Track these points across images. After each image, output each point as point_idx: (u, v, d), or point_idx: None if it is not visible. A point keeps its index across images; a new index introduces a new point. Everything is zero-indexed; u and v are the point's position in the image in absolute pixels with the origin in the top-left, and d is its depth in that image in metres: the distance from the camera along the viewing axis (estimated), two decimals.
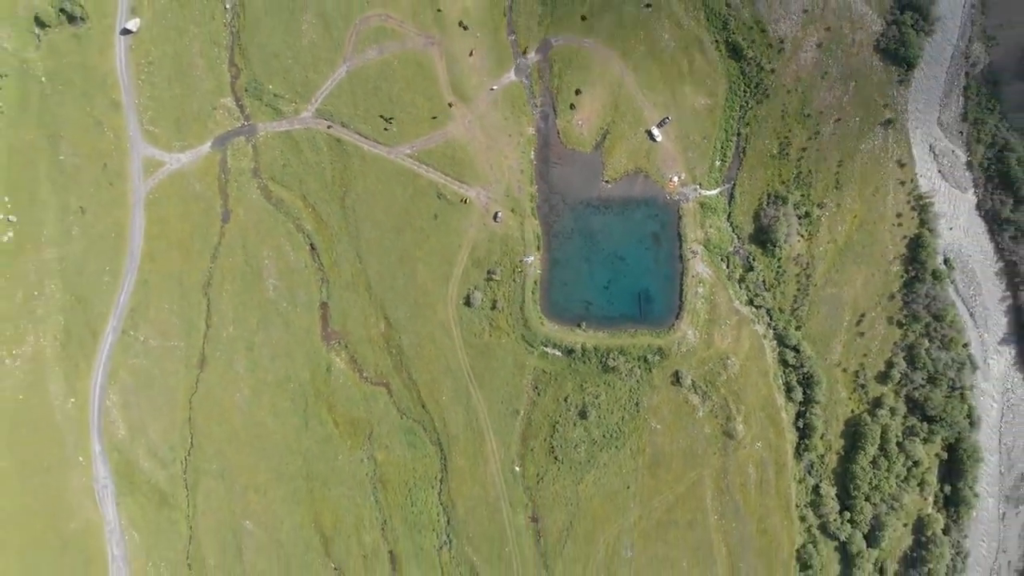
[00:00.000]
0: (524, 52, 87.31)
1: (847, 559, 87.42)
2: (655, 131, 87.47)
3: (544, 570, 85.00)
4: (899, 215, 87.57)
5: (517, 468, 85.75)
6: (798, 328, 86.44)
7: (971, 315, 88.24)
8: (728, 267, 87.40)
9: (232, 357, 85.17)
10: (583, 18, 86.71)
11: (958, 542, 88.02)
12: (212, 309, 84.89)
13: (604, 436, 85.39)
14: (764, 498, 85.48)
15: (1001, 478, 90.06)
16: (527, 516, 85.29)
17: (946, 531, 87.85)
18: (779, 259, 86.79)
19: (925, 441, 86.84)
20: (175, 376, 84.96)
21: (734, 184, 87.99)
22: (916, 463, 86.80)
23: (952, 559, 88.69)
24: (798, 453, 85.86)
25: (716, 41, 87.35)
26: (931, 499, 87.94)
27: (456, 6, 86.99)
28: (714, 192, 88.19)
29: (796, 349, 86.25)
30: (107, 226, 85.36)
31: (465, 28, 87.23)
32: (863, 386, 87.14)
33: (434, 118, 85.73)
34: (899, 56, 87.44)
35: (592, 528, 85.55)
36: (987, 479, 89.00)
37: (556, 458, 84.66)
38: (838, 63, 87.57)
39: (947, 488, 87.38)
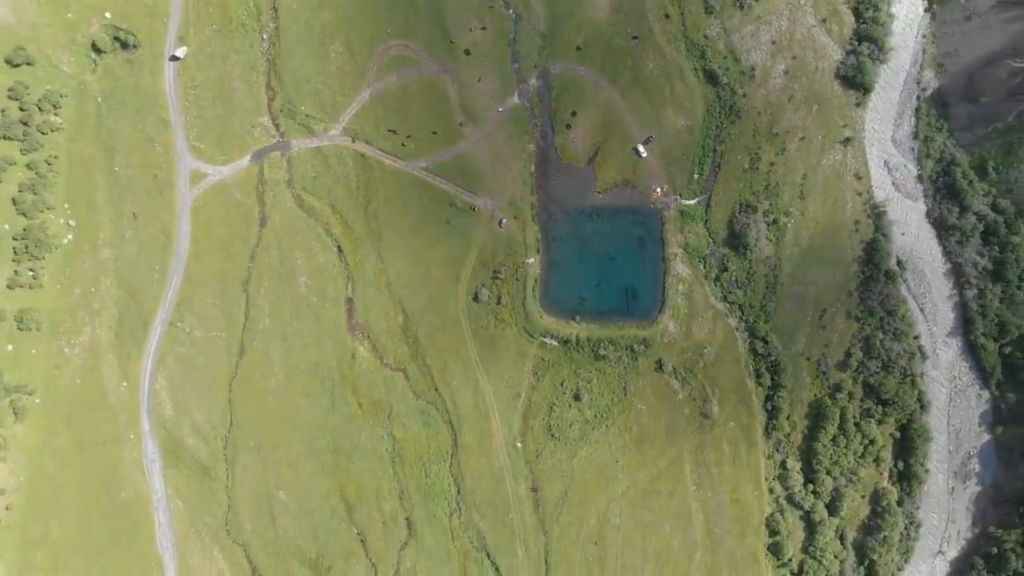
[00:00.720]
0: (526, 79, 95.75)
1: (811, 526, 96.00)
2: (641, 148, 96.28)
3: (542, 534, 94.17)
4: (856, 222, 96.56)
5: (519, 444, 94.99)
6: (767, 321, 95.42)
7: (921, 310, 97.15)
8: (705, 267, 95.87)
9: (268, 346, 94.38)
10: (578, 48, 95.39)
11: (911, 513, 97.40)
12: (250, 303, 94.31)
13: (595, 416, 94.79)
14: (737, 471, 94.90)
15: (950, 456, 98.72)
16: (527, 486, 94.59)
17: (900, 503, 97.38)
18: (750, 261, 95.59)
19: (880, 422, 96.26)
20: (217, 363, 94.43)
21: (710, 195, 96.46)
22: (872, 441, 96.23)
23: (905, 528, 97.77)
24: (767, 432, 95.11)
25: (695, 69, 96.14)
26: (886, 474, 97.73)
27: (466, 38, 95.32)
28: (693, 202, 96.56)
29: (765, 340, 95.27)
30: (157, 230, 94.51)
31: (469, 54, 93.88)
32: (824, 373, 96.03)
33: (434, 133, 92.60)
34: (857, 82, 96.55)
35: (585, 497, 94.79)
36: (937, 457, 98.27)
37: (553, 435, 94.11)
38: (802, 88, 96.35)
39: (900, 464, 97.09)
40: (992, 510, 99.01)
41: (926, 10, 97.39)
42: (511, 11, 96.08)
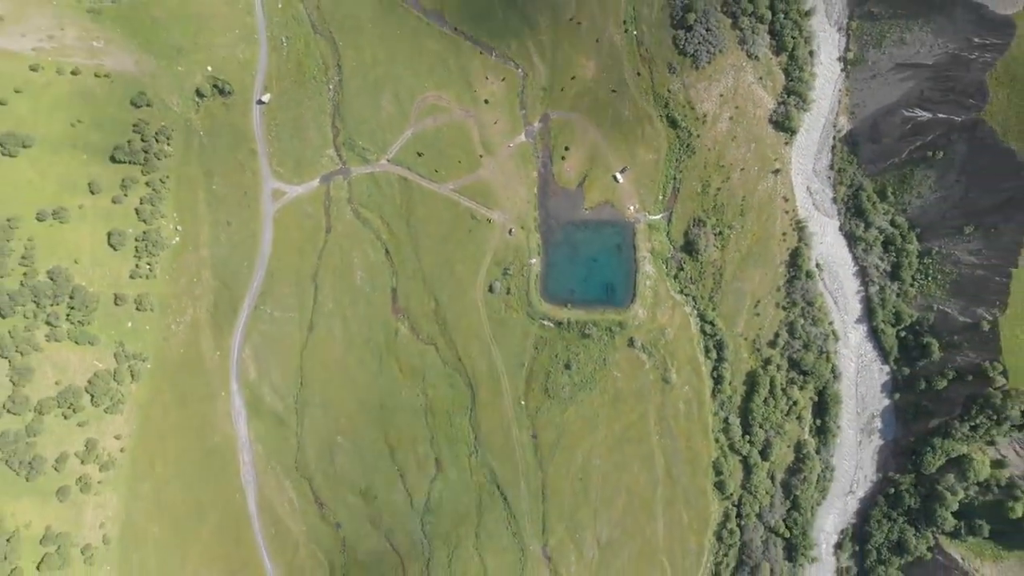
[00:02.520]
0: (531, 121, 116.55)
1: (747, 469, 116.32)
2: (618, 175, 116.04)
3: (540, 471, 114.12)
4: (784, 234, 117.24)
5: (522, 402, 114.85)
6: (713, 309, 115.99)
7: (834, 302, 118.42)
8: (666, 267, 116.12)
9: (331, 324, 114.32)
10: (572, 99, 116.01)
11: (826, 460, 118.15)
12: (318, 292, 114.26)
13: (581, 381, 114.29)
14: (690, 424, 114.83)
15: (857, 416, 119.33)
16: (529, 434, 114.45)
17: (817, 451, 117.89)
18: (701, 263, 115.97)
19: (801, 388, 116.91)
20: (291, 337, 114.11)
21: (671, 212, 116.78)
22: (795, 403, 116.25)
23: (822, 471, 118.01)
24: (713, 394, 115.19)
25: (660, 115, 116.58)
26: (806, 429, 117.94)
27: (486, 90, 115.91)
28: (658, 217, 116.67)
29: (712, 323, 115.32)
30: (246, 234, 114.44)
31: (487, 103, 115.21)
32: (758, 349, 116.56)
33: (459, 162, 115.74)
34: (786, 126, 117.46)
35: (573, 443, 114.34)
36: (847, 416, 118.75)
37: (549, 395, 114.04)
38: (743, 130, 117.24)
39: (818, 421, 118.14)
40: (891, 459, 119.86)
41: (842, 70, 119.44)
42: (519, 70, 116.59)
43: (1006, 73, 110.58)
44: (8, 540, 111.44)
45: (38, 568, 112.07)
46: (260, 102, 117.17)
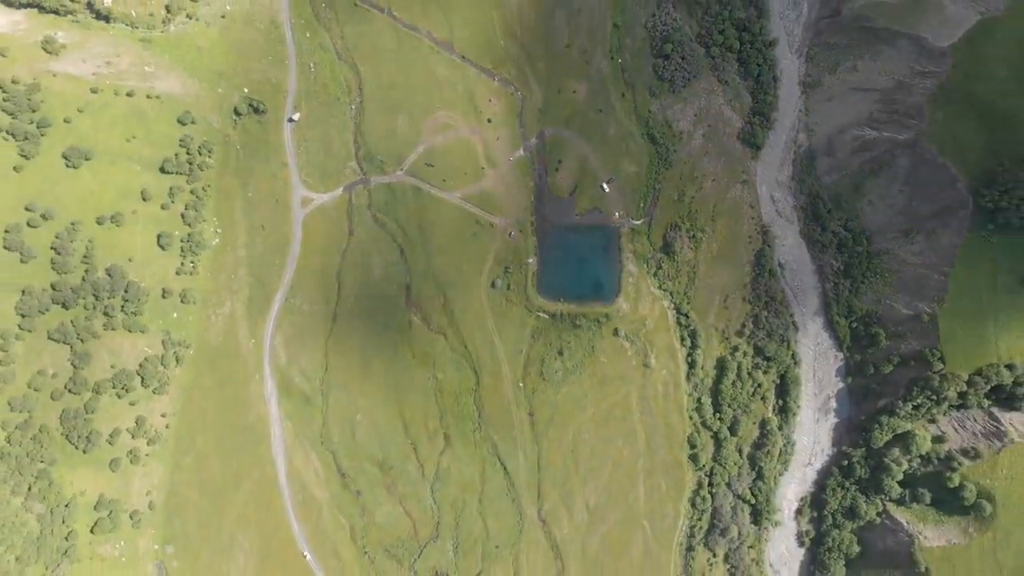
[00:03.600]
0: (528, 138, 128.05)
1: (718, 443, 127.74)
2: (605, 185, 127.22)
3: (536, 445, 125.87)
4: (750, 237, 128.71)
5: (521, 384, 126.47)
6: (688, 303, 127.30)
7: (794, 297, 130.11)
8: (647, 266, 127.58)
9: (352, 316, 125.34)
10: (565, 118, 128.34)
11: (788, 435, 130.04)
12: (341, 287, 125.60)
13: (572, 366, 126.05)
14: (667, 404, 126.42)
15: (815, 397, 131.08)
16: (526, 412, 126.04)
17: (780, 428, 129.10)
18: (677, 262, 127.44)
19: (765, 372, 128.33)
20: (317, 327, 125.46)
21: (651, 218, 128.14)
22: (760, 385, 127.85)
23: (784, 446, 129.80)
24: (687, 377, 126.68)
25: (642, 133, 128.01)
26: (770, 408, 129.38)
27: (489, 111, 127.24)
28: (639, 222, 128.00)
29: (687, 315, 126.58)
30: (278, 237, 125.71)
31: (490, 122, 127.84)
32: (727, 338, 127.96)
33: (465, 174, 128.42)
34: (752, 142, 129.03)
35: (564, 420, 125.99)
36: (806, 397, 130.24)
37: (544, 378, 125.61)
38: (715, 146, 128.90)
39: (780, 401, 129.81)
40: (845, 435, 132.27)
41: (801, 93, 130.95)
42: (518, 93, 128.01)
43: (942, 97, 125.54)
44: (66, 506, 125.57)
45: (91, 531, 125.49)
46: (291, 120, 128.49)
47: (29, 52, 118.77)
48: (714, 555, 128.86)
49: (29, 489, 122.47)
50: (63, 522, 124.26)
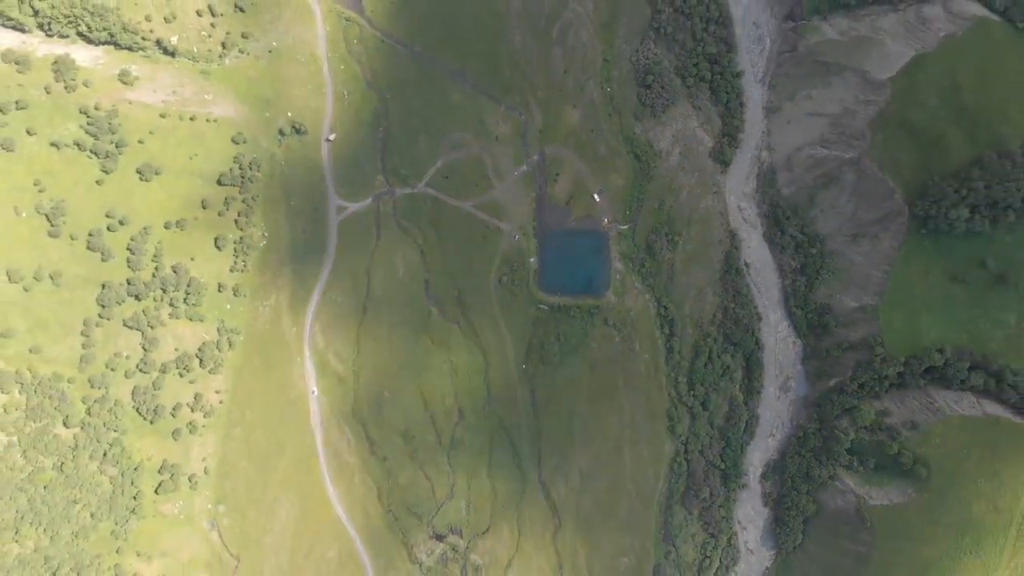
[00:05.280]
0: (531, 155, 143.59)
1: (692, 416, 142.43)
2: (596, 196, 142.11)
3: (536, 419, 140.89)
4: (720, 240, 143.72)
5: (524, 366, 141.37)
6: (667, 296, 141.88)
7: (758, 291, 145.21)
8: (632, 265, 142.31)
9: (379, 308, 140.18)
10: (562, 138, 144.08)
11: (753, 410, 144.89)
12: (370, 282, 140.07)
13: (568, 351, 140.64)
14: (649, 383, 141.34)
15: (776, 377, 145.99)
16: (528, 391, 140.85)
17: (745, 404, 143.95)
18: (658, 261, 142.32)
19: (732, 356, 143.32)
20: (350, 317, 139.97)
21: (636, 224, 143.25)
22: (728, 367, 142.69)
23: (749, 419, 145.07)
24: (666, 360, 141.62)
25: (628, 151, 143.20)
26: (737, 386, 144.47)
27: (497, 131, 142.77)
28: (625, 227, 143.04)
29: (666, 307, 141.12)
30: (317, 240, 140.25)
31: (498, 140, 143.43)
32: (700, 327, 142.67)
33: (476, 185, 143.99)
34: (722, 159, 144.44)
35: (561, 398, 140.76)
36: (768, 377, 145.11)
37: (544, 362, 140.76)
38: (690, 163, 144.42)
39: (746, 381, 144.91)
40: (802, 410, 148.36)
41: (764, 118, 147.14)
42: (522, 117, 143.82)
43: (882, 122, 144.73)
44: (135, 470, 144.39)
45: (156, 491, 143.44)
46: (327, 140, 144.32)
47: (108, 83, 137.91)
48: (690, 513, 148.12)
49: (104, 455, 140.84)
50: (132, 483, 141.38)
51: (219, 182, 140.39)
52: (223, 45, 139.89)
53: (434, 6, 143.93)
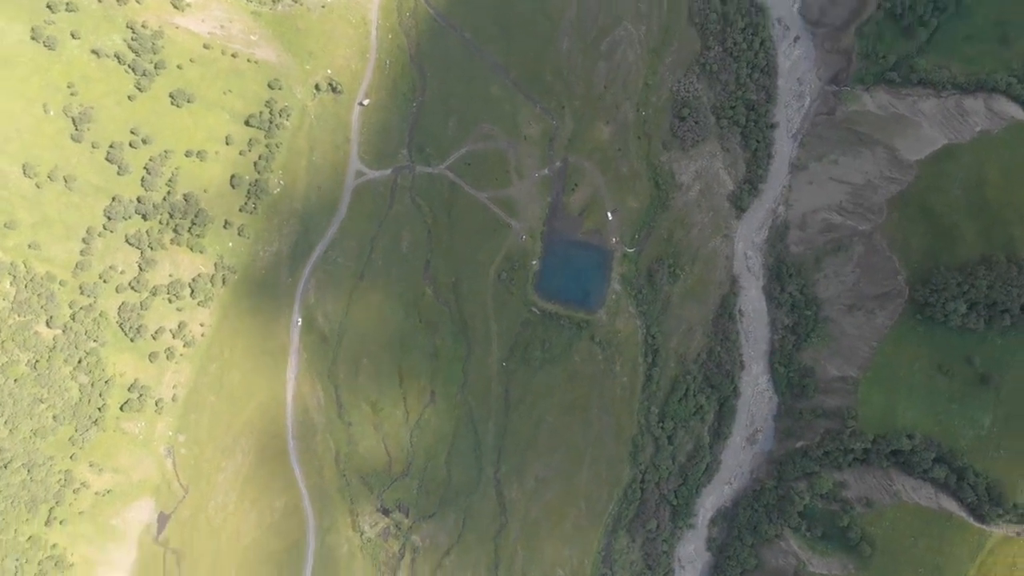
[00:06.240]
0: (554, 161, 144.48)
1: (657, 447, 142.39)
2: (609, 214, 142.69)
3: (505, 416, 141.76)
4: (720, 283, 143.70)
5: (504, 364, 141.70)
6: (657, 327, 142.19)
7: (746, 340, 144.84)
8: (630, 288, 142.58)
9: (376, 276, 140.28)
10: (588, 151, 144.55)
11: (716, 455, 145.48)
12: (372, 250, 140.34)
13: (550, 358, 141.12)
14: (621, 406, 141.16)
15: (746, 427, 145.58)
16: (503, 388, 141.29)
17: (710, 447, 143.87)
18: (656, 291, 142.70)
19: (708, 397, 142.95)
20: (346, 280, 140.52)
21: (642, 249, 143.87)
22: (702, 407, 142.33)
23: (711, 462, 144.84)
24: (643, 388, 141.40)
25: (649, 177, 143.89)
26: (706, 428, 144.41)
27: (527, 131, 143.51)
28: (632, 251, 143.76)
29: (654, 336, 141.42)
30: (330, 198, 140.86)
31: (526, 139, 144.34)
32: (683, 362, 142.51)
33: (496, 179, 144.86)
34: (739, 204, 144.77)
35: (534, 401, 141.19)
36: (738, 426, 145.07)
37: (524, 363, 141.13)
38: (707, 200, 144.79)
39: (716, 425, 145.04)
40: (764, 465, 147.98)
41: (788, 172, 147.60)
42: (554, 122, 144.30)
43: (901, 202, 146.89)
44: (105, 382, 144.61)
45: (121, 408, 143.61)
46: (361, 104, 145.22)
47: (160, 4, 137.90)
48: (633, 541, 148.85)
49: (79, 362, 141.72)
50: (100, 395, 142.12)
51: (247, 122, 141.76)
52: None
53: (492, 0, 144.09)
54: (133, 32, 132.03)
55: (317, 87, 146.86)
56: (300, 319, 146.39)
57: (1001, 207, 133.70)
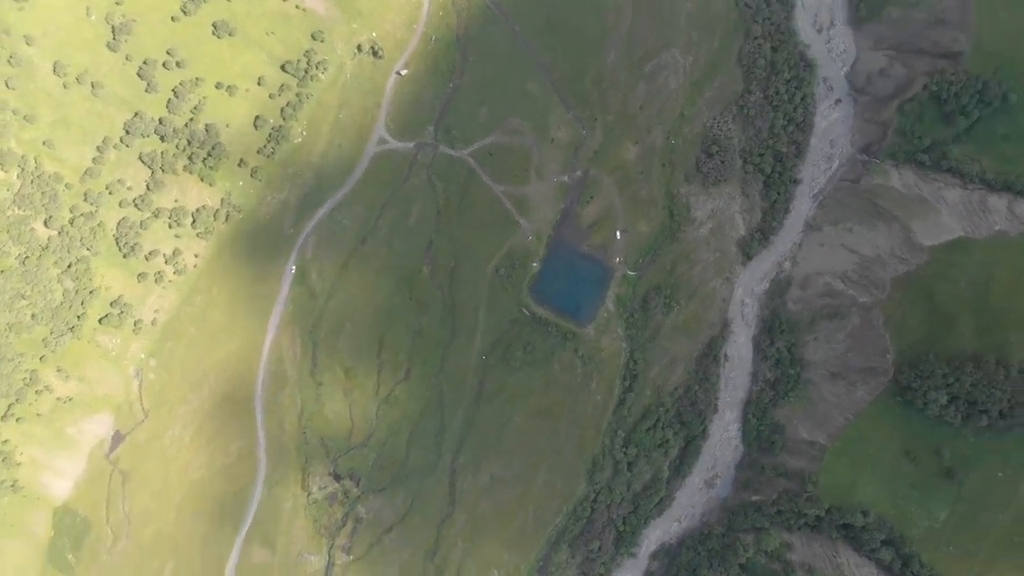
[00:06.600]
0: (575, 170, 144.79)
1: (616, 471, 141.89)
2: (618, 233, 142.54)
3: (475, 408, 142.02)
4: (712, 324, 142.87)
5: (484, 357, 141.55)
6: (642, 354, 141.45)
7: (726, 385, 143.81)
8: (623, 311, 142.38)
9: (378, 244, 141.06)
10: (611, 167, 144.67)
11: (671, 491, 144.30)
12: (380, 218, 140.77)
13: (531, 362, 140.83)
14: (590, 423, 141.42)
15: (707, 471, 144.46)
16: (478, 380, 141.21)
17: (668, 482, 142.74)
18: (648, 319, 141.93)
19: (676, 433, 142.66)
20: (347, 242, 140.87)
21: (643, 275, 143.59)
22: (667, 441, 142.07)
23: (665, 497, 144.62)
24: (615, 410, 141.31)
25: (664, 205, 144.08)
26: (667, 463, 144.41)
27: (556, 134, 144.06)
28: (633, 274, 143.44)
29: (636, 362, 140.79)
30: (348, 158, 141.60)
31: (552, 142, 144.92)
32: (659, 394, 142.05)
33: (515, 175, 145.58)
34: (747, 251, 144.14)
35: (506, 400, 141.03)
36: (699, 467, 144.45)
37: (504, 361, 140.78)
38: (716, 240, 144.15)
39: (678, 462, 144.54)
40: (716, 510, 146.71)
41: (802, 230, 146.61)
42: (584, 131, 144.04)
43: (906, 283, 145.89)
44: (90, 292, 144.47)
45: (100, 321, 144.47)
46: (398, 73, 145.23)
47: None
48: (572, 557, 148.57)
49: (68, 267, 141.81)
50: (82, 304, 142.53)
51: (283, 67, 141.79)
52: None
53: None
54: None
55: (359, 47, 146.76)
56: (295, 267, 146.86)
57: (1003, 310, 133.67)
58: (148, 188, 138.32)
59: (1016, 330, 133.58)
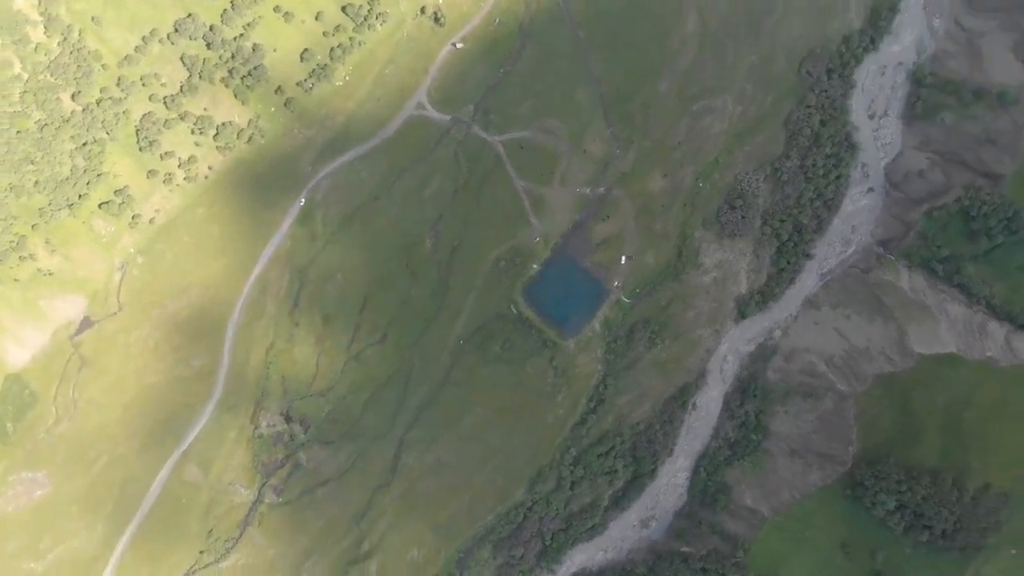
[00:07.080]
0: (600, 186, 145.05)
1: (558, 487, 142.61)
2: (624, 258, 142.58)
3: (441, 388, 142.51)
4: (690, 370, 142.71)
5: (461, 342, 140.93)
6: (615, 379, 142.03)
7: (686, 433, 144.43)
8: (608, 334, 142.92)
9: (389, 204, 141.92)
10: (634, 192, 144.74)
11: (606, 520, 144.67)
12: (397, 181, 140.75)
13: (505, 359, 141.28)
14: (547, 433, 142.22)
15: (646, 509, 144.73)
16: (450, 363, 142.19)
17: (605, 510, 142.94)
18: (629, 349, 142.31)
19: (625, 466, 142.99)
20: (358, 194, 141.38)
21: (636, 306, 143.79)
22: (615, 472, 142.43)
23: (598, 524, 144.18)
24: (573, 429, 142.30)
25: (675, 244, 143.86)
26: (609, 492, 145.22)
27: (589, 146, 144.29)
28: (627, 301, 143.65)
29: (607, 387, 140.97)
30: (382, 116, 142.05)
31: (585, 152, 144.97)
32: (620, 423, 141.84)
33: (540, 176, 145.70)
34: (742, 310, 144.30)
35: (472, 389, 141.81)
36: (639, 504, 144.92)
37: (480, 351, 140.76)
38: (715, 292, 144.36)
39: (620, 494, 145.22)
40: (643, 550, 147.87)
41: (801, 304, 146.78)
42: (617, 151, 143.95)
43: (888, 384, 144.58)
44: (98, 175, 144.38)
45: (99, 206, 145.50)
46: (453, 44, 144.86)
47: None
48: (493, 558, 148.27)
49: (83, 144, 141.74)
50: (87, 184, 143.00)
51: (343, 9, 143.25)
52: None
53: (620, 13, 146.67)
54: None
55: (423, 9, 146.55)
56: (304, 199, 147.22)
57: (972, 434, 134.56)
58: (181, 90, 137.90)
59: (979, 456, 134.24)
